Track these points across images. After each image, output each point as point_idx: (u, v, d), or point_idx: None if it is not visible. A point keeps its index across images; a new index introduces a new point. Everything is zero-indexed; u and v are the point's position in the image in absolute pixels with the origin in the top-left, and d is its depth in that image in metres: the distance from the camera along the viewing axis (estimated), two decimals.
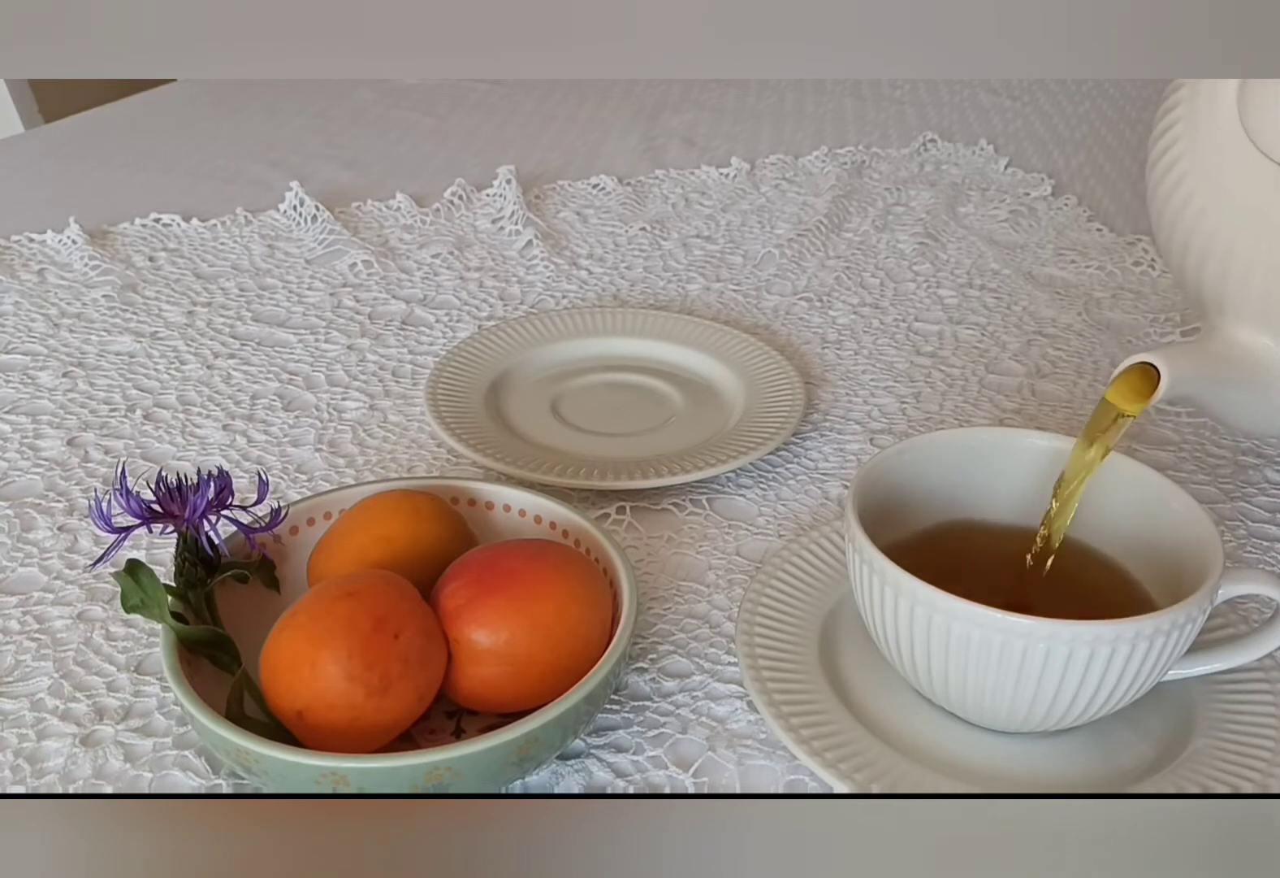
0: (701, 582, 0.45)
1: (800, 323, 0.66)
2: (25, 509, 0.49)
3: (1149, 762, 0.36)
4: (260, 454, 0.53)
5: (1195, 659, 0.37)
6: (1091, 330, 0.65)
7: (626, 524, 0.48)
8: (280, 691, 0.33)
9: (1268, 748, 0.35)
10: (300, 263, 0.74)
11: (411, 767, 0.31)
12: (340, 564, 0.38)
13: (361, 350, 0.63)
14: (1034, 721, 0.35)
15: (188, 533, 0.37)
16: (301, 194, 0.80)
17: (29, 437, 0.54)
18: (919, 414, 0.57)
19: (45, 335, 0.64)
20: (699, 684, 0.40)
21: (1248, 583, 0.35)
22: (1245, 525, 0.49)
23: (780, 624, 0.40)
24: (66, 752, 0.37)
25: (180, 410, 0.57)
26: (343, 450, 0.54)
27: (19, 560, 0.46)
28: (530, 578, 0.36)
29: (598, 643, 0.36)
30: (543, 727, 0.32)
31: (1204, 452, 0.54)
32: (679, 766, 0.37)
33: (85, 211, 0.79)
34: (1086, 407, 0.58)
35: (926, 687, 0.36)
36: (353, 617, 0.33)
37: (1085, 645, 0.32)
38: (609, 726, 0.38)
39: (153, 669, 0.41)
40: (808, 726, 0.36)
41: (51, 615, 0.43)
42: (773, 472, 0.52)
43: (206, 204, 0.83)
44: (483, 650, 0.35)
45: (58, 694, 0.39)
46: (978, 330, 0.65)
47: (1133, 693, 0.34)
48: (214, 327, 0.65)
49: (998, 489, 0.41)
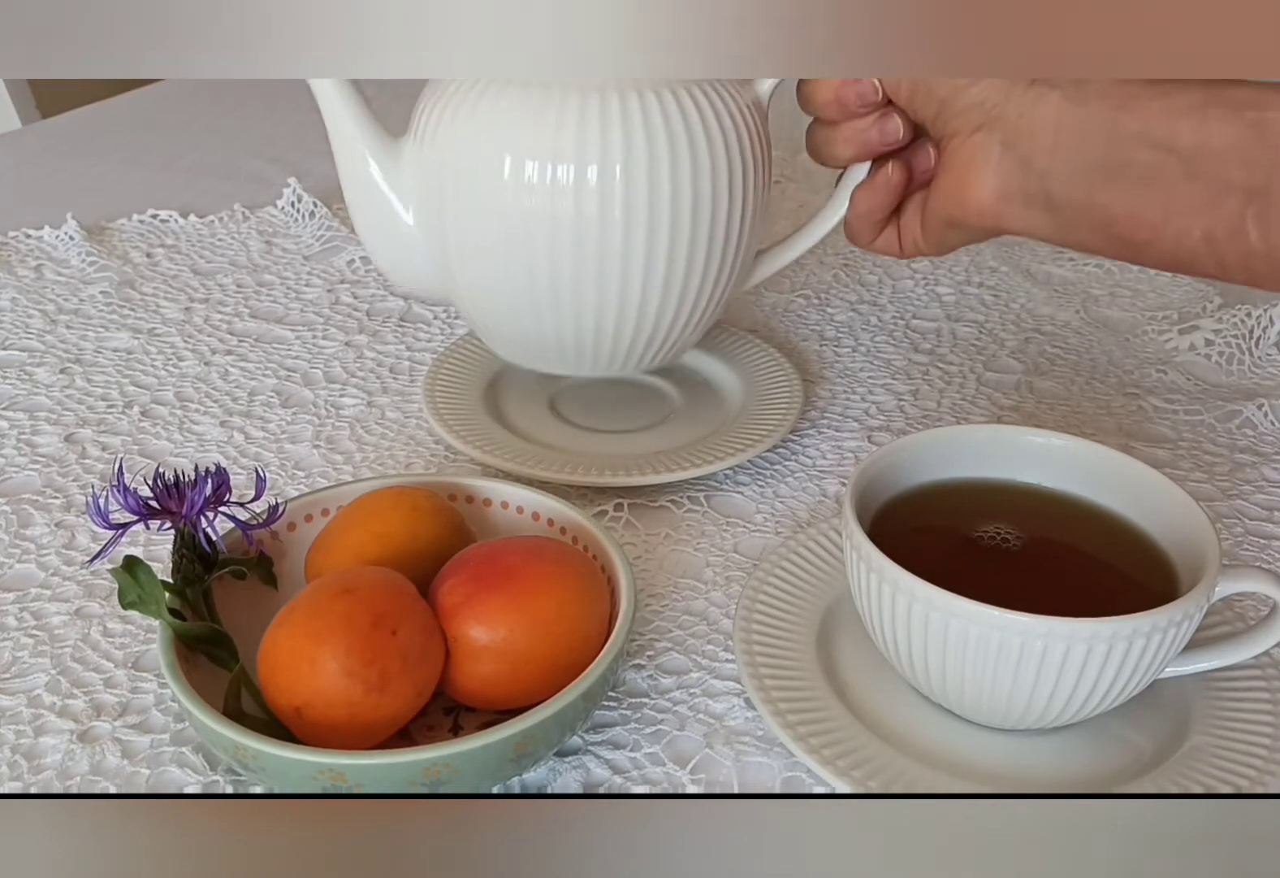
0: (699, 579, 0.45)
1: (798, 320, 0.66)
2: (22, 505, 0.49)
3: (1145, 759, 0.36)
4: (258, 451, 0.53)
5: (1192, 657, 0.37)
6: (1089, 328, 0.66)
7: (624, 521, 0.49)
8: (278, 687, 0.33)
9: (1264, 745, 0.35)
10: (298, 259, 0.74)
11: (409, 763, 0.31)
12: (338, 561, 0.38)
13: (359, 347, 0.63)
14: (1031, 717, 0.35)
15: (185, 529, 0.37)
16: (299, 190, 0.80)
17: (26, 433, 0.54)
18: (917, 411, 0.57)
19: (42, 331, 0.64)
20: (696, 681, 0.40)
21: (1244, 581, 0.35)
22: (1242, 523, 0.49)
23: (778, 621, 0.41)
24: (64, 748, 0.37)
25: (178, 407, 0.57)
26: (340, 447, 0.54)
27: (16, 557, 0.46)
28: (528, 575, 0.36)
29: (595, 640, 0.36)
30: (540, 723, 0.32)
31: (1201, 449, 0.54)
32: (676, 762, 0.37)
33: (82, 207, 0.79)
34: (1085, 404, 0.58)
35: (924, 684, 0.36)
36: (351, 613, 0.33)
37: (1082, 642, 0.32)
38: (606, 722, 0.38)
39: (150, 666, 0.41)
40: (805, 722, 0.36)
41: (49, 612, 0.43)
42: (770, 469, 0.52)
43: (204, 200, 0.83)
44: (481, 647, 0.35)
45: (55, 691, 0.39)
46: (976, 328, 0.66)
47: (1129, 690, 0.34)
48: (211, 323, 0.65)
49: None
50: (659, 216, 0.44)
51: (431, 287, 0.50)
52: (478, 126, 0.44)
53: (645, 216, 0.44)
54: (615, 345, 0.48)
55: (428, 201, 0.47)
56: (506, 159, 0.43)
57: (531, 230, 0.44)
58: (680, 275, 0.46)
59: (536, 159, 0.43)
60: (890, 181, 0.45)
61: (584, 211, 0.43)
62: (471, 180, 0.44)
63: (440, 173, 0.45)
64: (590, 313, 0.46)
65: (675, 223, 0.44)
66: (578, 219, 0.43)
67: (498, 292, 0.47)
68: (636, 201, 0.43)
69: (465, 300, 0.49)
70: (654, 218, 0.44)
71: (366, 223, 0.49)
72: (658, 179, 0.43)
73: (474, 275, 0.47)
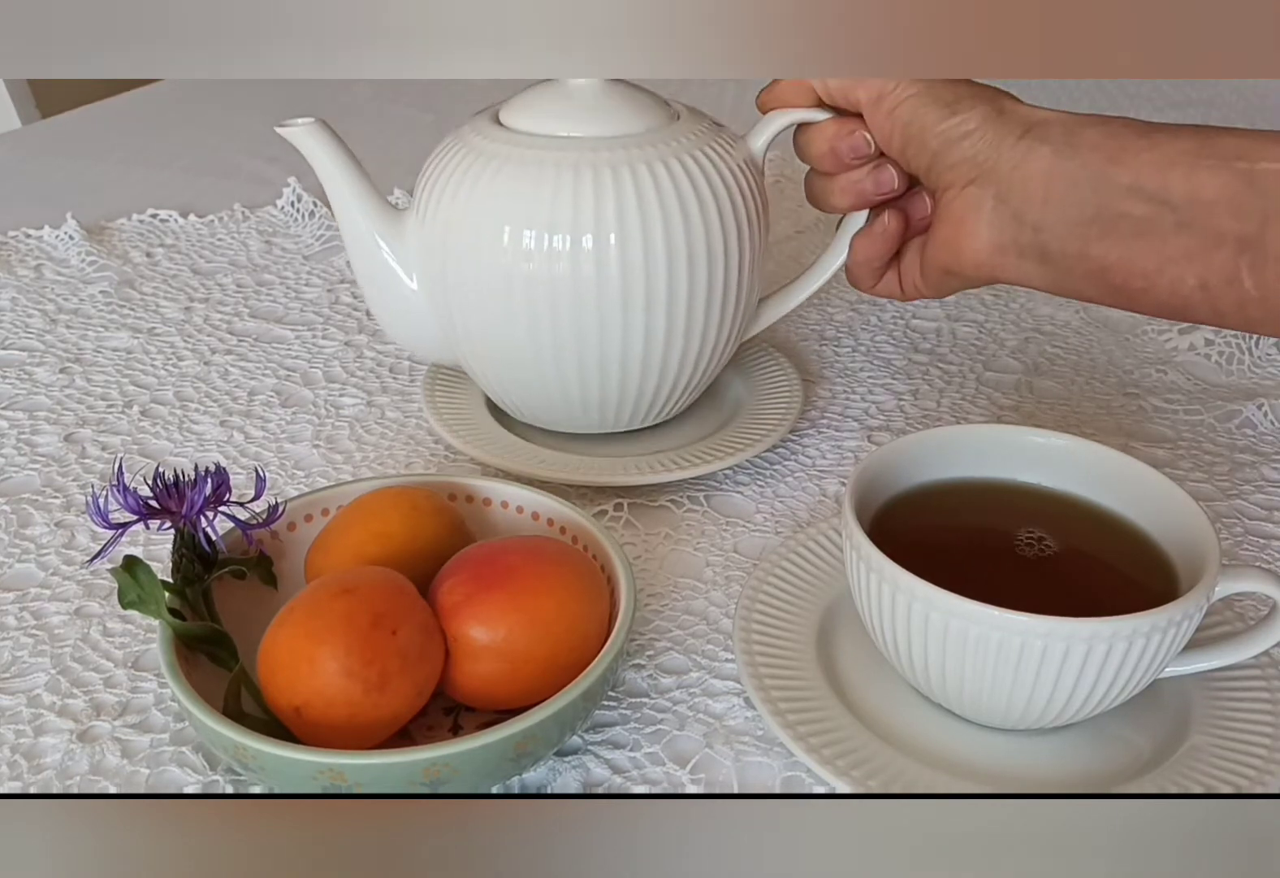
0: (699, 578, 0.45)
1: (798, 320, 0.66)
2: (22, 505, 0.49)
3: (1145, 759, 0.36)
4: (258, 450, 0.53)
5: (1191, 657, 0.37)
6: (1089, 328, 0.66)
7: (624, 521, 0.49)
8: (278, 687, 0.33)
9: (1264, 745, 0.35)
10: (298, 259, 0.74)
11: (409, 763, 0.31)
12: (338, 561, 0.38)
13: (359, 346, 0.63)
14: (1031, 717, 0.35)
15: (185, 529, 0.37)
16: (299, 190, 0.80)
17: (26, 432, 0.54)
18: (916, 411, 0.57)
19: (42, 331, 0.64)
20: (696, 681, 0.40)
21: (1244, 581, 0.35)
22: (1242, 523, 0.49)
23: (777, 621, 0.41)
24: (63, 748, 0.37)
25: (178, 406, 0.57)
26: (340, 447, 0.54)
27: (16, 556, 0.46)
28: (528, 574, 0.36)
29: (595, 639, 0.36)
30: (540, 723, 0.32)
31: (1200, 449, 0.54)
32: (676, 762, 0.37)
33: (82, 207, 0.79)
34: (1084, 404, 0.58)
35: (924, 683, 0.36)
36: (350, 613, 0.33)
37: (1082, 642, 0.32)
38: (606, 722, 0.38)
39: (150, 665, 0.41)
40: (805, 722, 0.36)
41: (49, 611, 0.43)
42: (770, 469, 0.52)
43: (204, 200, 0.83)
44: (480, 647, 0.35)
45: (55, 690, 0.39)
46: (975, 327, 0.66)
47: (1129, 690, 0.34)
48: (211, 323, 0.65)
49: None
50: (656, 279, 0.45)
51: (438, 350, 0.51)
52: (478, 199, 0.45)
53: (642, 279, 0.45)
54: (621, 403, 0.49)
55: (430, 270, 0.48)
56: (505, 229, 0.45)
57: (532, 294, 0.45)
58: (681, 332, 0.47)
59: (534, 228, 0.44)
60: (887, 230, 0.46)
61: (581, 275, 0.44)
62: (473, 250, 0.46)
63: (443, 244, 0.47)
64: (594, 372, 0.47)
65: (672, 283, 0.45)
66: (575, 282, 0.44)
67: (502, 355, 0.48)
68: (633, 265, 0.44)
69: (472, 363, 0.50)
70: (651, 280, 0.45)
71: (373, 291, 0.50)
72: (652, 245, 0.44)
73: (478, 339, 0.48)
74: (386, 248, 0.49)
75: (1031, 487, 0.40)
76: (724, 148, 0.47)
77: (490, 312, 0.46)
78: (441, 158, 0.48)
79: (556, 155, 0.45)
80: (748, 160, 0.48)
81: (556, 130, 0.46)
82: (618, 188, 0.44)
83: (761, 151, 0.49)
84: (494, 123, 0.48)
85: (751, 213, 0.47)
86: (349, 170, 0.48)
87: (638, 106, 0.47)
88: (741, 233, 0.46)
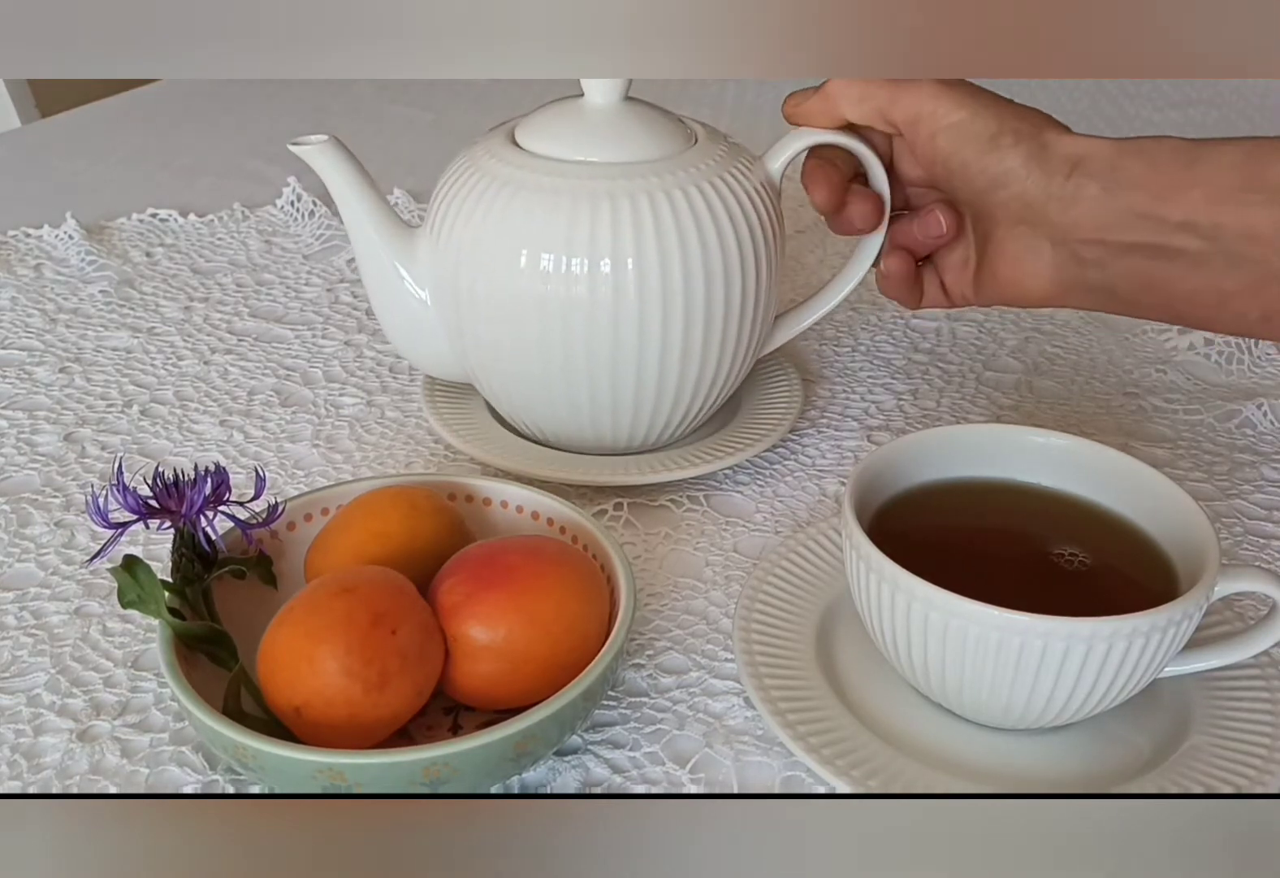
0: (699, 578, 0.45)
1: None
2: (22, 505, 0.49)
3: (1145, 758, 0.36)
4: (257, 450, 0.53)
5: (1191, 656, 0.37)
6: (1089, 327, 0.66)
7: (624, 520, 0.49)
8: (278, 686, 0.33)
9: (1263, 744, 0.35)
10: (297, 258, 0.74)
11: (409, 763, 0.31)
12: (338, 560, 0.38)
13: (359, 346, 0.63)
14: (1030, 717, 0.35)
15: (185, 529, 0.37)
16: (299, 189, 0.80)
17: (25, 432, 0.54)
18: (916, 411, 0.57)
19: (42, 331, 0.64)
20: (696, 680, 0.40)
21: (1244, 580, 0.35)
22: (1241, 522, 0.49)
23: (777, 621, 0.41)
24: (63, 747, 0.37)
25: (177, 406, 0.57)
26: (340, 446, 0.54)
27: (15, 556, 0.46)
28: (528, 574, 0.36)
29: (595, 639, 0.36)
30: (540, 723, 0.32)
31: (1200, 449, 0.54)
32: (676, 762, 0.37)
33: (82, 206, 0.79)
34: (1084, 403, 0.58)
35: (923, 683, 0.36)
36: (350, 613, 0.33)
37: (1082, 642, 0.32)
38: (606, 722, 0.38)
39: (150, 665, 0.41)
40: (804, 722, 0.36)
41: (48, 611, 0.43)
42: (770, 468, 0.52)
43: (203, 199, 0.83)
44: (480, 647, 0.35)
45: (54, 690, 0.39)
46: (975, 327, 0.65)
47: (1129, 690, 0.34)
48: (211, 322, 0.65)
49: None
50: (673, 303, 0.45)
51: (450, 368, 0.51)
52: (493, 223, 0.45)
53: (659, 304, 0.45)
54: (634, 425, 0.49)
55: (444, 290, 0.48)
56: (523, 252, 0.44)
57: (547, 316, 0.45)
58: (697, 355, 0.47)
59: (551, 253, 0.44)
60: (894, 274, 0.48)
61: (598, 299, 0.44)
62: (488, 272, 0.45)
63: (457, 264, 0.46)
64: (607, 394, 0.47)
65: (689, 307, 0.45)
66: (592, 306, 0.44)
67: (516, 376, 0.48)
68: (650, 290, 0.44)
69: (484, 382, 0.50)
70: (668, 304, 0.45)
71: (385, 308, 0.50)
72: (669, 270, 0.44)
73: (491, 359, 0.48)
74: (399, 266, 0.49)
75: (1031, 486, 0.40)
76: (741, 172, 0.47)
77: (505, 333, 0.46)
78: (456, 178, 0.47)
79: (574, 183, 0.44)
80: (765, 182, 0.47)
81: (573, 154, 0.46)
82: (635, 216, 0.44)
83: (779, 172, 0.48)
84: (509, 143, 0.48)
85: (769, 235, 0.47)
86: (362, 189, 0.48)
87: (655, 129, 0.47)
88: (759, 256, 0.46)
